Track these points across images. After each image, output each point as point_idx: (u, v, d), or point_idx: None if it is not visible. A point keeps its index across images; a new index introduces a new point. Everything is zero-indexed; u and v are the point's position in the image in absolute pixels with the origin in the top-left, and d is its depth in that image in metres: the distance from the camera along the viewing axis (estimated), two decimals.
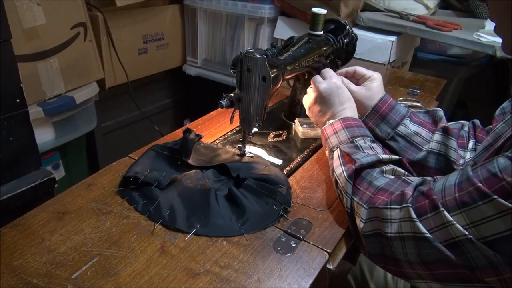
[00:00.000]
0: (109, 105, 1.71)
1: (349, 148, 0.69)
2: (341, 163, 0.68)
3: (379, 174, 0.62)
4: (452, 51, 1.90)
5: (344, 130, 0.74)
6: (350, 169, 0.64)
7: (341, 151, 0.70)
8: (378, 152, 0.68)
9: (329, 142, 0.75)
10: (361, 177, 0.63)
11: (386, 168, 0.63)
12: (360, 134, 0.72)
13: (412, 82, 1.32)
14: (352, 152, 0.67)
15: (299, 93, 0.96)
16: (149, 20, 1.71)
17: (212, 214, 0.64)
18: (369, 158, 0.64)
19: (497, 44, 1.33)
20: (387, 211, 0.55)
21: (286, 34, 1.65)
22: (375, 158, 0.64)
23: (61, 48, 1.33)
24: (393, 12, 1.63)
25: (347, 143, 0.71)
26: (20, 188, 0.93)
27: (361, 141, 0.71)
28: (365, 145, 0.70)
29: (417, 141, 0.79)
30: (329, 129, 0.77)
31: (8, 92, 0.88)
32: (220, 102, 0.74)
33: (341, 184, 0.66)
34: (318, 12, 0.86)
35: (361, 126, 0.75)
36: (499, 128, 0.66)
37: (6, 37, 0.84)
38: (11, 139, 0.90)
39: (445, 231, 0.47)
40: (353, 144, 0.70)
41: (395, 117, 0.81)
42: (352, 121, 0.76)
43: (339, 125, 0.75)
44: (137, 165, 0.73)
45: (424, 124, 0.81)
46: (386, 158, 0.65)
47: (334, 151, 0.72)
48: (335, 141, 0.73)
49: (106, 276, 0.53)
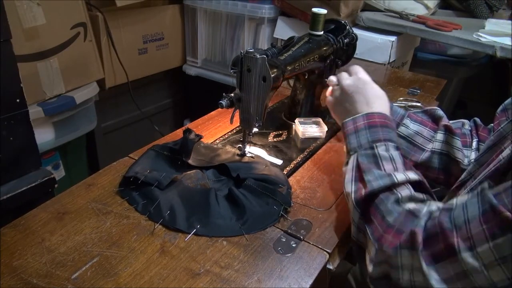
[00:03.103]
0: (109, 105, 1.71)
1: (367, 158, 0.62)
2: (353, 178, 0.61)
3: (394, 205, 0.54)
4: (452, 51, 1.90)
5: (366, 130, 0.65)
6: (359, 193, 0.57)
7: (356, 161, 0.62)
8: (398, 167, 0.60)
9: (347, 142, 0.67)
10: (375, 205, 0.56)
11: (402, 195, 0.54)
12: (383, 138, 0.64)
13: (412, 82, 1.32)
14: (366, 168, 0.60)
15: (299, 93, 0.96)
16: (149, 20, 1.71)
17: (212, 214, 0.64)
18: (381, 181, 0.56)
19: (497, 44, 1.33)
20: (397, 258, 0.49)
21: (286, 34, 1.65)
22: (389, 181, 0.56)
23: (61, 48, 1.33)
24: (393, 12, 1.63)
25: (366, 148, 0.63)
26: (20, 188, 0.93)
27: (382, 147, 0.62)
28: (385, 154, 0.61)
29: (419, 142, 0.77)
30: (350, 125, 0.68)
31: (8, 92, 0.87)
32: (220, 102, 0.74)
33: (349, 205, 0.60)
34: (318, 12, 0.86)
35: (387, 126, 0.66)
36: (504, 128, 0.65)
37: (6, 37, 0.84)
38: (11, 139, 0.90)
39: (467, 281, 0.43)
40: (372, 152, 0.62)
41: (394, 118, 0.78)
42: (378, 118, 0.67)
43: (361, 122, 0.67)
44: (137, 165, 0.73)
45: (425, 122, 0.79)
46: (402, 179, 0.56)
47: (351, 155, 0.65)
48: (354, 143, 0.65)
49: (106, 276, 0.53)
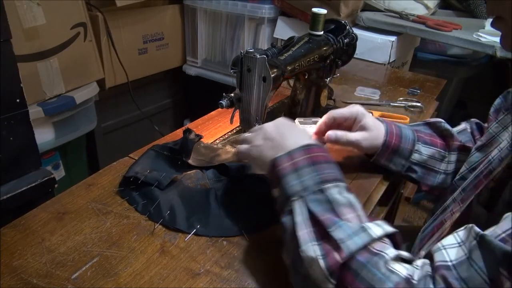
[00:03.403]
0: (109, 105, 1.71)
1: (320, 206, 0.49)
2: (311, 235, 0.47)
3: (383, 272, 0.42)
4: (452, 51, 1.90)
5: (310, 167, 0.52)
6: (332, 259, 0.44)
7: (308, 211, 0.49)
8: (360, 215, 0.49)
9: (284, 184, 0.52)
10: (353, 272, 0.44)
11: (389, 256, 0.44)
12: (332, 178, 0.52)
13: (412, 82, 1.32)
14: (328, 221, 0.46)
15: (299, 93, 0.96)
16: (149, 20, 1.71)
17: (212, 214, 0.64)
18: (358, 239, 0.44)
19: (497, 44, 1.33)
20: None
21: (286, 34, 1.65)
22: (367, 238, 0.45)
23: (61, 48, 1.33)
24: (393, 12, 1.63)
25: (314, 192, 0.50)
26: (20, 188, 0.93)
27: (335, 190, 0.50)
28: (341, 199, 0.49)
29: (433, 165, 0.76)
30: (284, 162, 0.54)
31: (8, 92, 0.87)
32: (220, 102, 0.74)
33: (314, 274, 0.45)
34: (318, 12, 0.86)
35: (331, 162, 0.55)
36: (492, 129, 0.66)
37: (6, 37, 0.84)
38: (11, 139, 0.90)
39: None
40: (324, 197, 0.49)
41: (407, 146, 0.74)
42: (319, 151, 0.55)
43: (301, 157, 0.53)
44: (137, 165, 0.73)
45: (435, 142, 0.76)
46: (380, 233, 0.46)
47: (294, 201, 0.50)
48: (296, 186, 0.51)
49: (106, 276, 0.53)
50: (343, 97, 1.15)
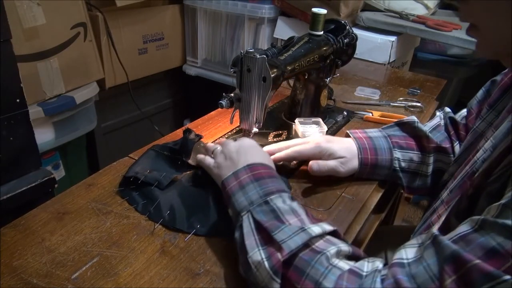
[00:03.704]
0: (109, 105, 1.71)
1: (265, 215, 0.52)
2: (257, 242, 0.50)
3: (325, 266, 0.45)
4: (452, 51, 1.90)
5: (254, 183, 0.57)
6: (275, 259, 0.47)
7: (254, 221, 0.52)
8: (303, 219, 0.52)
9: (233, 202, 0.56)
10: (298, 270, 0.46)
11: (330, 252, 0.47)
12: (276, 189, 0.56)
13: (412, 82, 1.32)
14: (271, 226, 0.50)
15: (299, 93, 0.96)
16: (149, 20, 1.71)
17: (212, 214, 0.64)
18: (298, 238, 0.48)
19: None
20: None
21: (286, 34, 1.65)
22: (306, 236, 0.48)
23: (61, 48, 1.33)
24: (393, 12, 1.63)
25: (259, 204, 0.54)
26: (20, 188, 0.93)
27: (279, 200, 0.54)
28: (284, 207, 0.53)
29: (413, 168, 0.76)
30: (232, 182, 0.58)
31: (8, 92, 0.87)
32: (220, 102, 0.74)
33: (260, 277, 0.48)
34: (318, 12, 0.86)
35: (274, 176, 0.59)
36: (478, 126, 0.65)
37: (6, 37, 0.84)
38: (11, 139, 0.90)
39: None
40: (269, 208, 0.53)
41: (384, 157, 0.74)
42: (262, 168, 0.59)
43: (245, 175, 0.58)
44: (137, 165, 0.73)
45: (410, 145, 0.76)
46: (319, 231, 0.49)
47: (242, 216, 0.54)
48: (243, 202, 0.55)
49: (106, 276, 0.53)
50: (343, 97, 1.15)
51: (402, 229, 1.13)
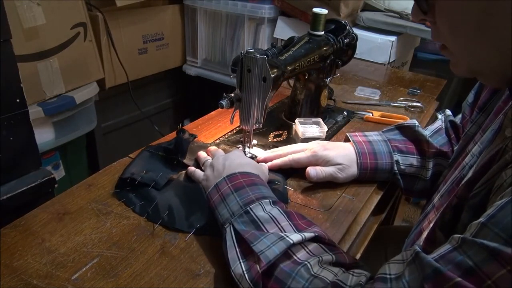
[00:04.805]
0: (109, 105, 1.71)
1: (245, 226, 0.53)
2: (239, 255, 0.51)
3: (305, 278, 0.45)
4: None
5: (233, 194, 0.57)
6: (254, 271, 0.47)
7: (235, 232, 0.53)
8: (283, 226, 0.52)
9: (218, 215, 0.58)
10: (279, 281, 0.46)
11: (311, 263, 0.47)
12: (255, 197, 0.56)
13: (412, 82, 1.32)
14: (251, 237, 0.50)
15: (299, 93, 0.96)
16: (149, 20, 1.71)
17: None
18: (275, 248, 0.47)
19: None
20: None
21: (286, 34, 1.65)
22: (284, 245, 0.47)
23: (61, 48, 1.33)
24: (393, 12, 1.63)
25: (240, 215, 0.55)
26: (20, 188, 0.93)
27: (258, 208, 0.55)
28: (264, 215, 0.54)
29: (412, 172, 0.76)
30: (214, 195, 0.60)
31: (8, 92, 0.87)
32: (220, 102, 0.74)
33: None
34: (319, 12, 0.86)
35: (255, 184, 0.59)
36: (470, 130, 0.65)
37: (6, 37, 0.84)
38: (11, 139, 0.90)
39: None
40: (249, 218, 0.54)
41: (384, 160, 0.74)
42: (242, 177, 0.59)
43: (225, 187, 0.59)
44: (132, 166, 0.73)
45: (410, 149, 0.76)
46: (298, 239, 0.48)
47: (226, 228, 0.55)
48: (225, 214, 0.56)
49: (106, 277, 0.53)
50: (343, 97, 1.15)
51: (402, 229, 1.13)
